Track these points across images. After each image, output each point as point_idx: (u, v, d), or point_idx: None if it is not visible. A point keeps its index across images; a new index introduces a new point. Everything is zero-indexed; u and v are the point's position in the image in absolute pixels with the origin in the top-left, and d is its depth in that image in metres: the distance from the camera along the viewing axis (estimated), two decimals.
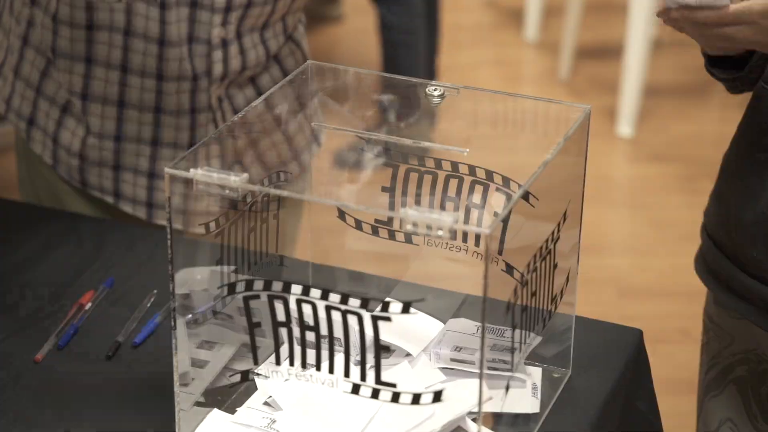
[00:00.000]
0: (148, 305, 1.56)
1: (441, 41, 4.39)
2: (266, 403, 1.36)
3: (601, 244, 3.47)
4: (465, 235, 1.41)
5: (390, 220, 1.46)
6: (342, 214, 1.47)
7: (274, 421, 1.33)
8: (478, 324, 1.45)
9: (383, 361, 1.24)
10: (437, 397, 1.23)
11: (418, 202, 1.46)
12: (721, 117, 4.12)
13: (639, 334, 1.54)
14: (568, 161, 1.36)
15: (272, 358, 1.31)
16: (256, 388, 1.38)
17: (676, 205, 3.60)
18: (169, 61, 1.71)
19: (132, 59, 1.72)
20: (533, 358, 1.42)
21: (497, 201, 1.43)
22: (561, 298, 1.41)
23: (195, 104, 1.76)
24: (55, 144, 1.81)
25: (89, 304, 1.55)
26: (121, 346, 1.48)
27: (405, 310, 1.19)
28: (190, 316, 1.33)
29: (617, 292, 3.23)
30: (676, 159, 3.87)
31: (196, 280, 1.34)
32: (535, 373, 1.42)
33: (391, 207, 1.47)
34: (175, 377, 1.32)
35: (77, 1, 1.69)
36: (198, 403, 1.36)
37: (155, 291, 1.58)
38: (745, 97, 1.59)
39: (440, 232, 1.15)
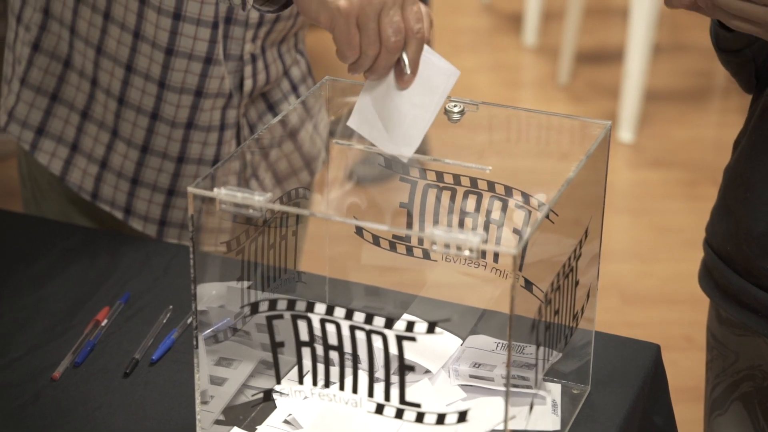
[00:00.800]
0: (165, 321, 1.55)
1: (440, 43, 4.40)
2: (286, 422, 1.36)
3: (604, 251, 3.45)
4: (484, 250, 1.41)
5: (408, 236, 1.45)
6: (359, 230, 1.47)
7: None
8: (497, 340, 1.45)
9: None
10: (462, 417, 1.23)
11: (436, 219, 1.46)
12: (720, 122, 4.12)
13: (657, 348, 1.54)
14: (588, 178, 1.35)
15: (293, 375, 1.30)
16: (275, 406, 1.37)
17: (678, 211, 3.60)
18: (212, 79, 1.70)
19: (172, 76, 1.71)
20: (552, 375, 1.42)
21: (517, 217, 1.43)
22: (582, 314, 1.41)
23: (224, 120, 1.75)
24: (73, 150, 1.79)
25: (105, 321, 1.54)
26: (139, 364, 1.48)
27: (430, 330, 1.19)
28: (208, 332, 1.33)
29: (621, 298, 3.23)
30: (677, 164, 3.87)
31: (213, 296, 1.34)
32: (555, 389, 1.42)
33: (409, 223, 1.46)
34: (197, 397, 1.31)
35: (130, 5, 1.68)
36: (218, 422, 1.35)
37: (171, 306, 1.57)
38: (745, 102, 1.59)
39: (467, 252, 1.15)
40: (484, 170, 1.38)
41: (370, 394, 1.25)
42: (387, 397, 1.24)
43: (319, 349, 1.25)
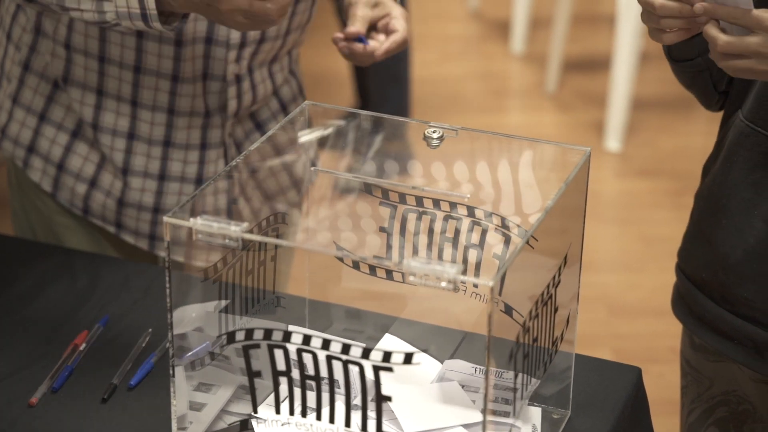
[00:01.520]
0: (143, 345, 1.54)
1: (428, 51, 4.40)
2: None
3: (591, 261, 3.46)
4: (464, 273, 1.41)
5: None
6: (342, 257, 1.46)
7: None
8: (475, 365, 1.44)
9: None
10: None
11: (416, 243, 1.45)
12: (707, 131, 4.12)
13: (638, 372, 1.53)
14: (568, 204, 1.35)
15: (271, 401, 1.30)
16: None
17: (664, 220, 3.60)
18: (182, 97, 1.70)
19: (142, 94, 1.71)
20: (533, 399, 1.42)
21: (496, 241, 1.42)
22: (561, 340, 1.40)
23: (206, 140, 1.75)
24: (60, 170, 1.79)
25: (84, 345, 1.53)
26: (117, 389, 1.47)
27: (407, 360, 1.18)
28: (187, 356, 1.32)
29: (608, 310, 3.23)
30: (665, 173, 3.87)
31: (192, 320, 1.33)
32: (535, 413, 1.41)
33: (389, 248, 1.46)
34: (173, 424, 1.30)
35: (91, 31, 1.68)
36: None
37: (150, 330, 1.56)
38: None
39: (443, 284, 1.14)
40: (463, 198, 1.37)
41: (347, 423, 1.24)
42: (364, 427, 1.23)
43: (297, 379, 1.25)
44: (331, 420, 1.25)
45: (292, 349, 1.22)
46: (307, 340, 1.21)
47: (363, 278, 1.47)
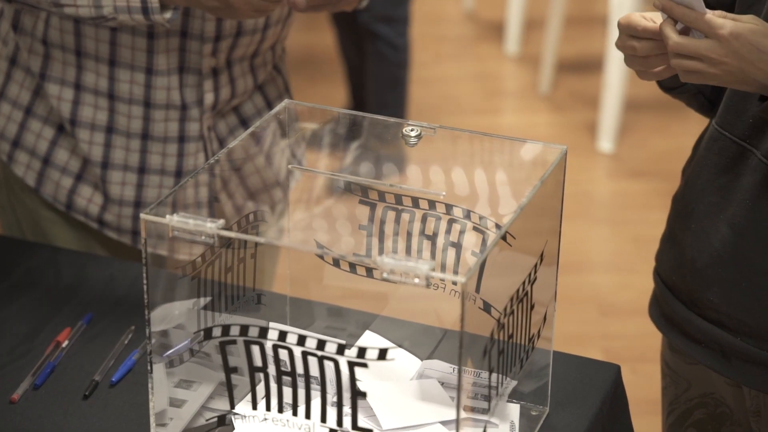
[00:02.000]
0: (126, 342, 1.55)
1: (422, 52, 4.42)
2: None
3: (582, 262, 3.47)
4: (443, 270, 1.42)
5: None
6: (322, 254, 1.47)
7: None
8: (453, 365, 1.45)
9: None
10: None
11: (395, 241, 1.46)
12: (700, 132, 4.13)
13: (617, 369, 1.54)
14: (544, 202, 1.36)
15: (249, 397, 1.31)
16: (233, 428, 1.37)
17: (656, 222, 3.59)
18: (157, 90, 1.71)
19: (118, 87, 1.72)
20: (511, 395, 1.43)
21: (474, 240, 1.43)
22: (538, 337, 1.41)
23: (184, 133, 1.76)
24: (45, 164, 1.80)
25: (66, 342, 1.55)
26: (98, 386, 1.48)
27: (381, 356, 1.19)
28: (167, 354, 1.33)
29: (599, 310, 3.24)
30: (657, 174, 3.88)
31: (174, 317, 1.34)
32: (514, 410, 1.42)
33: (369, 246, 1.47)
34: (152, 420, 1.31)
35: (65, 26, 1.69)
36: None
37: (132, 327, 1.57)
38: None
39: (416, 280, 1.15)
40: (439, 195, 1.38)
41: (323, 419, 1.25)
42: (339, 423, 1.24)
43: (273, 375, 1.26)
44: (308, 416, 1.26)
45: (268, 345, 1.23)
46: (282, 336, 1.22)
47: (345, 276, 1.48)
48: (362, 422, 1.25)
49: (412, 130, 1.40)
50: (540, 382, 1.46)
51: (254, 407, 1.28)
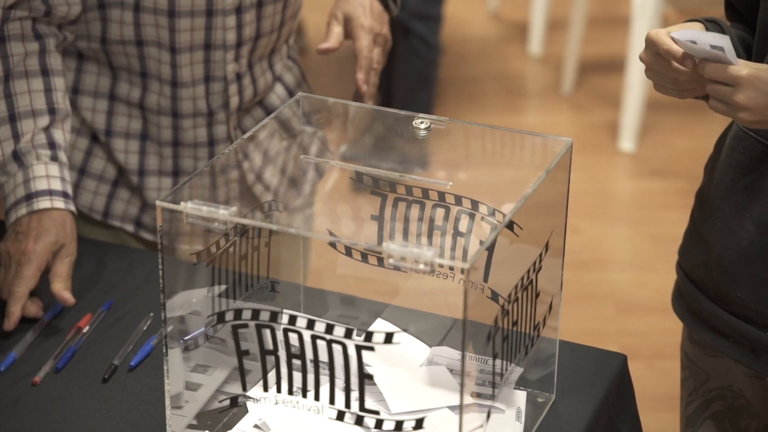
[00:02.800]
0: (144, 328, 1.60)
1: (447, 52, 4.45)
2: (257, 426, 1.40)
3: (601, 260, 3.50)
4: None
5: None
6: (333, 243, 1.51)
7: None
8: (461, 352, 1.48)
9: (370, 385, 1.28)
10: (419, 424, 1.27)
11: (406, 231, 1.50)
12: (721, 131, 4.14)
13: (623, 358, 1.57)
14: (549, 192, 1.39)
15: (261, 383, 1.35)
16: (247, 411, 1.42)
17: (676, 221, 3.62)
18: (183, 101, 1.76)
19: (149, 98, 1.77)
20: (518, 383, 1.46)
21: (483, 230, 1.47)
22: (544, 325, 1.44)
23: (213, 136, 1.81)
24: (81, 174, 1.85)
25: (87, 327, 1.59)
26: (117, 369, 1.52)
27: (388, 340, 1.23)
28: (187, 338, 1.37)
29: (616, 307, 3.26)
30: (677, 174, 3.90)
31: (190, 304, 1.38)
32: (520, 397, 1.46)
33: (380, 235, 1.50)
34: (167, 401, 1.36)
35: (94, 41, 1.74)
36: (191, 426, 1.40)
37: (151, 314, 1.62)
38: None
39: (421, 266, 1.19)
40: (446, 185, 1.42)
41: (332, 401, 1.29)
42: (347, 404, 1.28)
43: (284, 358, 1.30)
44: (317, 398, 1.30)
45: (278, 329, 1.27)
46: (292, 320, 1.26)
47: (358, 266, 1.52)
48: (370, 405, 1.29)
49: (421, 123, 1.44)
50: (547, 370, 1.49)
51: (265, 389, 1.32)
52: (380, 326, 1.52)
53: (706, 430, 1.67)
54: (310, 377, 1.29)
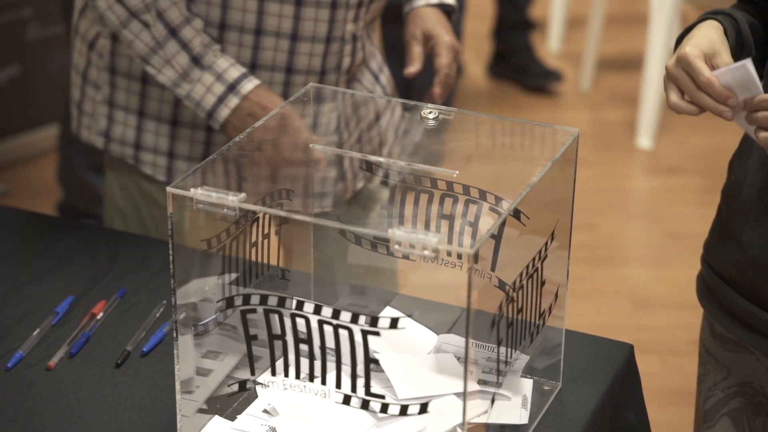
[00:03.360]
0: (158, 315, 1.62)
1: (466, 51, 4.46)
2: (266, 411, 1.43)
3: (618, 256, 3.51)
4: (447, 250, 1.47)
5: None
6: (342, 231, 1.53)
7: (273, 429, 1.39)
8: (472, 340, 1.50)
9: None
10: (423, 408, 1.29)
11: (414, 220, 1.52)
12: (738, 129, 4.14)
13: (630, 348, 1.59)
14: (555, 182, 1.41)
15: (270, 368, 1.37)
16: (257, 396, 1.44)
17: (692, 218, 3.63)
18: (300, 56, 1.80)
19: (262, 56, 1.80)
20: (525, 371, 1.48)
21: (490, 219, 1.48)
22: (549, 314, 1.46)
23: None
24: (171, 158, 1.88)
25: (101, 314, 1.62)
26: (130, 355, 1.55)
27: (393, 325, 1.25)
28: (194, 326, 1.40)
29: (632, 303, 3.27)
30: (694, 171, 3.90)
31: (202, 291, 1.41)
32: (526, 384, 1.47)
33: (389, 223, 1.52)
34: (177, 385, 1.38)
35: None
36: (201, 410, 1.42)
37: (164, 302, 1.64)
38: None
39: (426, 252, 1.21)
40: (452, 174, 1.43)
41: (338, 385, 1.31)
42: (353, 389, 1.30)
43: (291, 343, 1.32)
44: (323, 382, 1.32)
45: (286, 314, 1.29)
46: (300, 305, 1.28)
47: (368, 255, 1.54)
48: (377, 390, 1.30)
49: (430, 113, 1.46)
50: (553, 359, 1.51)
51: (273, 374, 1.34)
52: (388, 314, 1.54)
53: (722, 426, 1.66)
54: (317, 362, 1.31)
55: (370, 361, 1.27)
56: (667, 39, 3.95)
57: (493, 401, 1.37)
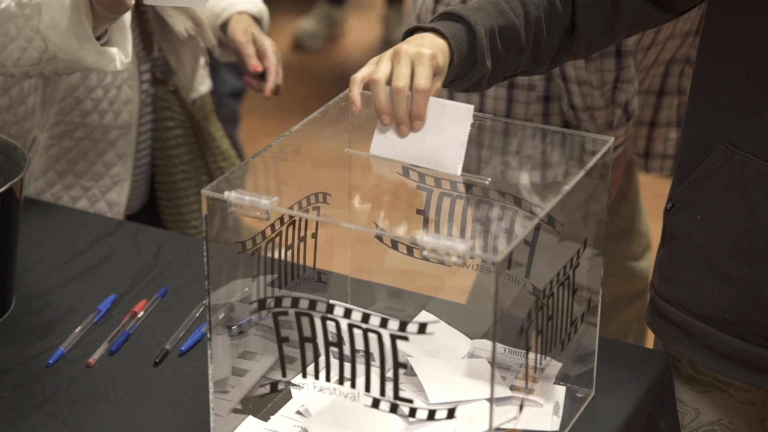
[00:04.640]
0: (197, 315, 1.65)
1: None
2: (299, 412, 1.44)
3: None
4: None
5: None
6: (380, 235, 1.55)
7: (305, 431, 1.41)
8: (504, 346, 1.51)
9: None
10: (451, 414, 1.30)
11: (449, 225, 1.52)
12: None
13: (666, 358, 1.58)
14: (589, 190, 1.41)
15: (309, 369, 1.38)
16: (291, 397, 1.46)
17: None
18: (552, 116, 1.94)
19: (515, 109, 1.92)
20: (558, 378, 1.48)
21: (524, 226, 1.49)
22: (582, 321, 1.46)
23: None
24: None
25: (142, 313, 1.65)
26: (169, 354, 1.57)
27: (421, 330, 1.26)
28: (233, 326, 1.42)
29: None
30: None
31: (234, 290, 1.43)
32: (559, 391, 1.48)
33: (424, 229, 1.53)
34: (210, 385, 1.40)
35: None
36: (235, 410, 1.44)
37: (204, 302, 1.66)
38: None
39: (454, 258, 1.22)
40: (484, 181, 1.44)
41: (367, 389, 1.32)
42: (382, 392, 1.31)
43: (322, 346, 1.33)
44: (353, 385, 1.33)
45: (317, 317, 1.31)
46: (330, 308, 1.29)
47: (405, 259, 1.55)
48: (408, 394, 1.32)
49: None
50: (587, 366, 1.51)
51: (304, 376, 1.36)
52: (423, 318, 1.55)
53: None
54: (347, 365, 1.32)
55: (399, 365, 1.28)
56: None
57: (521, 407, 1.38)
